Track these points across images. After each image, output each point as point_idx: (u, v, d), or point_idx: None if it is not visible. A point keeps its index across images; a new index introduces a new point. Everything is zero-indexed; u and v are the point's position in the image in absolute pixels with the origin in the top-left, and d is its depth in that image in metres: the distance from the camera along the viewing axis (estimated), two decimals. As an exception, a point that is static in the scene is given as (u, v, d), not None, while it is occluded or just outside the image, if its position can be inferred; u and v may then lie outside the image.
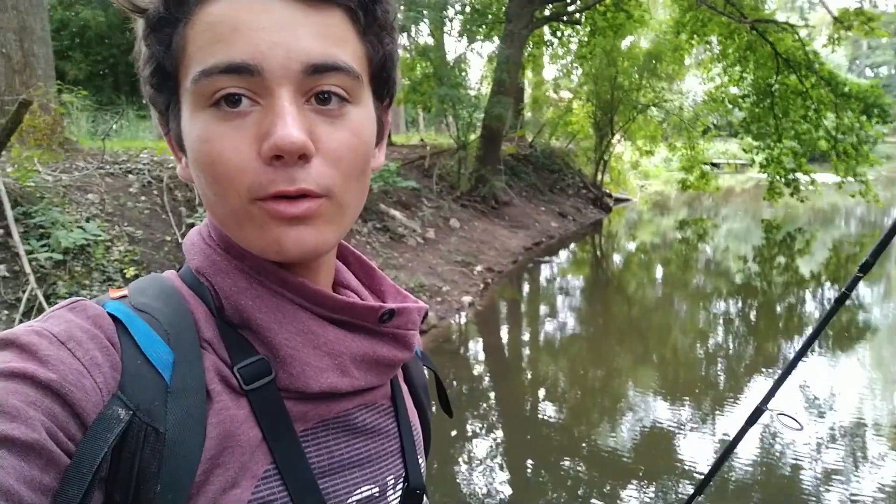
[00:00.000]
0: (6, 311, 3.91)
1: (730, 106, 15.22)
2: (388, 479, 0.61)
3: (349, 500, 0.57)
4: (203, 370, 0.51)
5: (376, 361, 0.59)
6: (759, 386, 4.99)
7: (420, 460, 0.67)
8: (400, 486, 0.63)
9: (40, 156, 5.14)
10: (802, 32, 12.05)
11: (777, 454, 3.86)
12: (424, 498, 0.66)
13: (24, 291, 3.97)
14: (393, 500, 0.62)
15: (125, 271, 4.55)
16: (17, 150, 4.84)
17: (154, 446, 0.47)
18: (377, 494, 0.60)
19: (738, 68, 13.72)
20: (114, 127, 9.23)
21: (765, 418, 1.40)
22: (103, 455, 0.44)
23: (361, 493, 0.58)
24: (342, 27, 0.51)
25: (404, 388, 0.69)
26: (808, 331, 6.48)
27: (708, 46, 14.83)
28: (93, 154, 6.50)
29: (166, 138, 0.58)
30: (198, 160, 0.51)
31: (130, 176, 5.91)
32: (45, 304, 3.93)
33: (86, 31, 15.02)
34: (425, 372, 0.76)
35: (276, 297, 0.55)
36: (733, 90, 14.63)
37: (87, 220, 4.79)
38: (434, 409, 0.77)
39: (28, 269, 3.99)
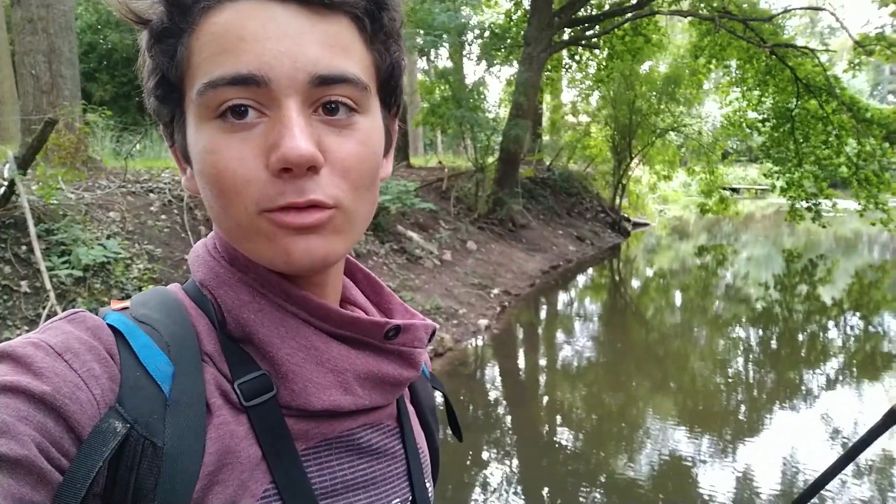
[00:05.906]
0: (26, 327, 3.95)
1: (748, 130, 15.14)
2: (393, 502, 0.59)
3: None
4: (203, 383, 0.50)
5: (381, 379, 0.57)
6: (779, 418, 4.88)
7: (428, 484, 0.64)
8: None
9: (64, 174, 5.22)
10: (823, 57, 11.97)
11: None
12: None
13: (44, 308, 4.02)
14: None
15: (143, 289, 4.59)
16: (41, 168, 4.93)
17: (152, 461, 0.45)
18: None
19: (756, 92, 13.65)
20: (137, 147, 9.38)
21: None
22: (98, 469, 0.43)
23: None
24: (348, 35, 0.50)
25: (411, 409, 0.67)
26: (832, 368, 6.08)
27: (726, 70, 14.80)
28: (115, 173, 6.60)
29: (171, 150, 0.58)
30: (204, 172, 0.50)
31: (152, 195, 5.99)
32: (63, 321, 3.96)
33: (113, 54, 15.36)
34: (435, 394, 0.74)
35: (279, 312, 0.54)
36: (752, 114, 14.55)
37: (108, 238, 4.85)
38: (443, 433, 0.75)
39: (48, 286, 4.04)
